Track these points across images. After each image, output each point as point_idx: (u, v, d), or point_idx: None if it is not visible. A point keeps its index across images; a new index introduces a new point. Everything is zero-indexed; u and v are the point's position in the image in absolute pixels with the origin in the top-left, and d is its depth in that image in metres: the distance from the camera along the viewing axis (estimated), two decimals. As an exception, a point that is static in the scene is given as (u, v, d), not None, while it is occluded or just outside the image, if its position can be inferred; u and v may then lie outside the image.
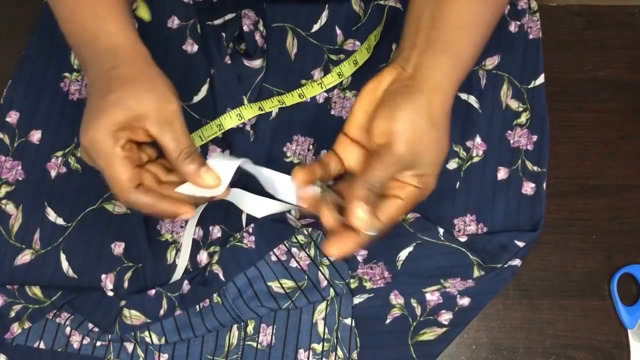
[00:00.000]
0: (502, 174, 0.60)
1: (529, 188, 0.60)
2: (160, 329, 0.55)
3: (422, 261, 0.57)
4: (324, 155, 0.48)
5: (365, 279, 0.57)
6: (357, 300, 0.56)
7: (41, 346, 0.55)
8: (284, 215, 0.58)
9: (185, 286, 0.56)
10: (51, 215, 0.59)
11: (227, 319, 0.55)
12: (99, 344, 0.55)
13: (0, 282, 0.57)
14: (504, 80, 0.63)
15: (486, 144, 0.61)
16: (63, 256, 0.58)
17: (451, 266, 0.56)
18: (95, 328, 0.55)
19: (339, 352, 0.55)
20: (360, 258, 0.57)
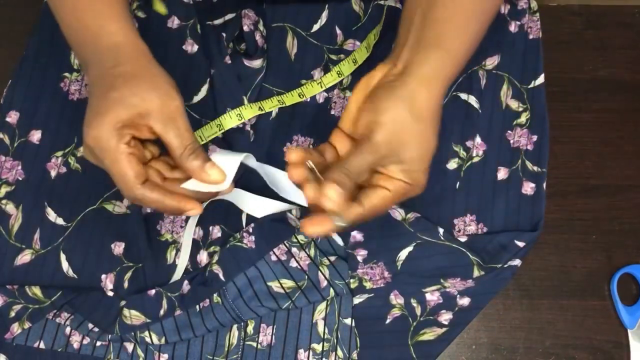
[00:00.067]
0: (502, 174, 0.60)
1: (529, 188, 0.60)
2: (160, 329, 0.55)
3: (422, 261, 0.57)
4: (321, 145, 0.49)
5: (365, 279, 0.57)
6: (357, 300, 0.56)
7: (41, 346, 0.55)
8: (284, 215, 0.57)
9: (185, 286, 0.56)
10: (51, 215, 0.59)
11: (227, 319, 0.55)
12: (99, 344, 0.55)
13: (0, 282, 0.57)
14: (504, 80, 0.63)
15: (486, 144, 0.61)
16: (63, 256, 0.58)
17: (451, 266, 0.56)
18: (95, 328, 0.55)
19: (339, 352, 0.55)
20: (360, 258, 0.57)
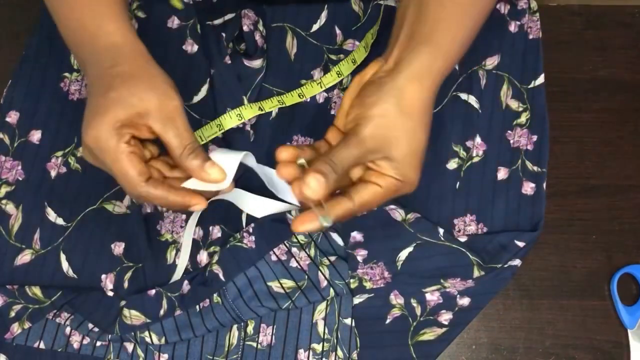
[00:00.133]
0: (502, 174, 0.60)
1: (529, 188, 0.60)
2: (160, 329, 0.55)
3: (422, 261, 0.57)
4: (316, 142, 0.49)
5: (365, 279, 0.57)
6: (357, 300, 0.56)
7: (41, 346, 0.55)
8: (284, 215, 0.57)
9: (185, 286, 0.56)
10: (51, 215, 0.59)
11: (227, 319, 0.55)
12: (99, 344, 0.55)
13: (0, 282, 0.57)
14: (504, 80, 0.63)
15: (486, 144, 0.61)
16: (63, 256, 0.58)
17: (451, 266, 0.56)
18: (95, 328, 0.55)
19: (339, 352, 0.55)
20: (360, 258, 0.57)
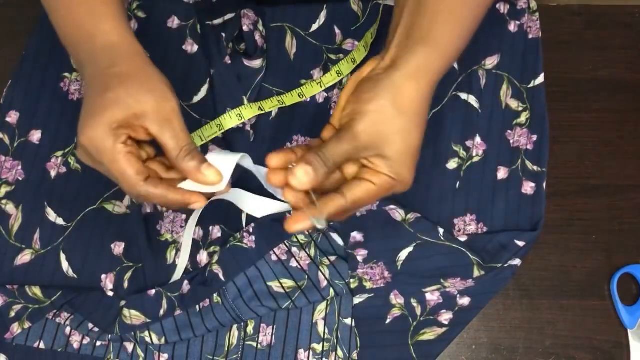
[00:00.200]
0: (502, 173, 0.60)
1: (529, 188, 0.60)
2: (160, 329, 0.55)
3: (422, 261, 0.57)
4: (311, 140, 0.48)
5: (365, 279, 0.57)
6: (357, 300, 0.56)
7: (41, 346, 0.55)
8: (284, 216, 0.57)
9: (185, 286, 0.56)
10: (51, 215, 0.59)
11: (227, 319, 0.55)
12: (99, 344, 0.55)
13: (0, 282, 0.57)
14: (504, 79, 0.63)
15: (486, 143, 0.61)
16: (63, 256, 0.58)
17: (451, 266, 0.56)
18: (95, 328, 0.55)
19: (339, 352, 0.55)
20: (360, 258, 0.57)
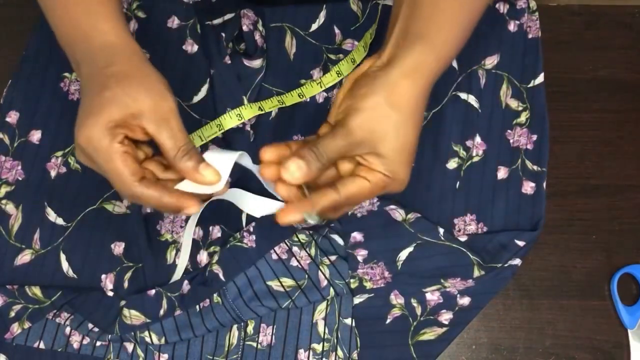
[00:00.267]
0: (502, 173, 0.60)
1: (529, 187, 0.60)
2: (160, 329, 0.55)
3: (423, 261, 0.57)
4: (308, 138, 0.48)
5: (365, 279, 0.57)
6: (357, 300, 0.56)
7: (41, 346, 0.55)
8: (284, 215, 0.58)
9: (185, 286, 0.56)
10: (51, 215, 0.59)
11: (227, 319, 0.55)
12: (99, 344, 0.55)
13: (0, 282, 0.57)
14: (504, 79, 0.63)
15: (486, 143, 0.61)
16: (63, 256, 0.58)
17: (451, 266, 0.56)
18: (95, 328, 0.55)
19: (339, 352, 0.55)
20: (360, 258, 0.57)
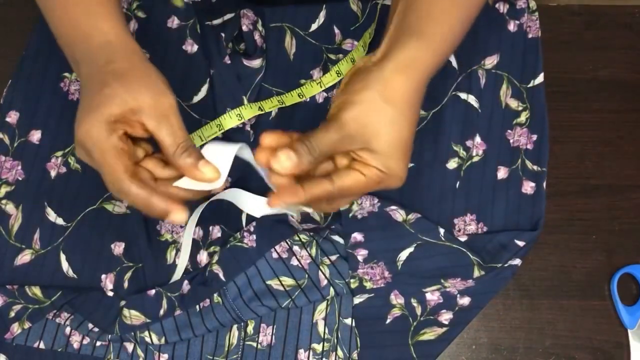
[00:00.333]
0: (502, 173, 0.60)
1: (529, 187, 0.60)
2: (160, 329, 0.55)
3: (423, 261, 0.57)
4: (306, 133, 0.48)
5: (365, 279, 0.57)
6: (357, 300, 0.56)
7: (41, 346, 0.55)
8: (285, 216, 0.57)
9: (185, 286, 0.56)
10: (51, 215, 0.59)
11: (227, 319, 0.55)
12: (99, 344, 0.55)
13: (0, 282, 0.57)
14: (504, 79, 0.63)
15: (486, 143, 0.61)
16: (63, 256, 0.58)
17: (451, 266, 0.56)
18: (95, 328, 0.55)
19: (339, 352, 0.55)
20: (360, 258, 0.57)
